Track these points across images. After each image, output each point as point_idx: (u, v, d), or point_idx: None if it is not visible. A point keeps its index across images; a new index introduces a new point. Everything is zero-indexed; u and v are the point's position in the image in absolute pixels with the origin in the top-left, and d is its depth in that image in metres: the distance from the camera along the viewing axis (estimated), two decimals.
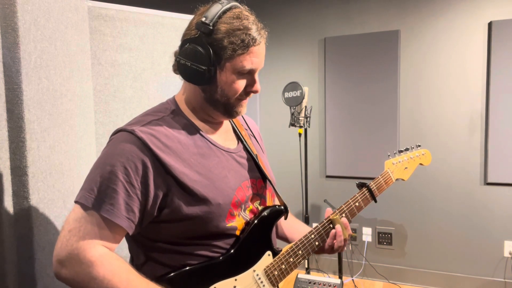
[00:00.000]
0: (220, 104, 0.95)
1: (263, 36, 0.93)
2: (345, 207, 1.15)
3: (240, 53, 0.89)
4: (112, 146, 0.89)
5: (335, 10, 3.07)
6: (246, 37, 0.88)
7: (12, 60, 1.06)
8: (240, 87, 0.93)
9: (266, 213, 1.02)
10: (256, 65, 0.93)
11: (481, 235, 2.81)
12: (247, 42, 0.89)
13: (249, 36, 0.89)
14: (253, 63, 0.92)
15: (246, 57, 0.90)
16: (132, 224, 0.86)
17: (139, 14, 1.56)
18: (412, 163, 1.32)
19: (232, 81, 0.92)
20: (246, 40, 0.88)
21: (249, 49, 0.90)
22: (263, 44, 0.94)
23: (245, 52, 0.89)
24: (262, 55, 0.95)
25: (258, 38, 0.91)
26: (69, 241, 0.82)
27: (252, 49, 0.90)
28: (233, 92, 0.93)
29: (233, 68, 0.91)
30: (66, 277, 0.83)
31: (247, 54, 0.90)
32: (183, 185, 0.88)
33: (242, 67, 0.91)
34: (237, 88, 0.93)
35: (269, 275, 1.01)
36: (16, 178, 1.09)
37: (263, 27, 0.94)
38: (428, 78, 2.87)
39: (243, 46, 0.89)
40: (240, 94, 0.95)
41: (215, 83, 0.92)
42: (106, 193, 0.83)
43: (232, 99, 0.95)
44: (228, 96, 0.94)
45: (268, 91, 3.29)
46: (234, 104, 0.96)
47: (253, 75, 0.95)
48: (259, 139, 1.20)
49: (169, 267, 0.92)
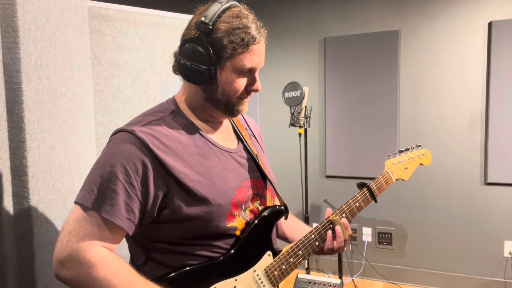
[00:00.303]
0: (221, 103, 0.95)
1: (263, 35, 0.93)
2: (346, 207, 1.14)
3: (240, 52, 0.89)
4: (112, 147, 0.88)
5: (335, 10, 3.07)
6: (246, 36, 0.88)
7: (12, 60, 1.05)
8: (241, 86, 0.93)
9: (266, 213, 1.02)
10: (257, 63, 0.93)
11: (481, 235, 2.81)
12: (247, 40, 0.89)
13: (249, 35, 0.89)
14: (253, 62, 0.92)
15: (246, 56, 0.90)
16: (132, 225, 0.86)
17: (139, 14, 1.56)
18: (412, 163, 1.31)
19: (232, 80, 0.92)
20: (246, 38, 0.88)
21: (249, 47, 0.90)
22: (263, 42, 0.94)
23: (245, 50, 0.89)
24: (262, 54, 0.95)
25: (258, 37, 0.91)
26: (69, 242, 0.82)
27: (252, 47, 0.90)
28: (234, 91, 0.93)
29: (234, 67, 0.91)
30: (66, 278, 0.83)
31: (247, 52, 0.90)
32: (183, 185, 0.88)
33: (242, 65, 0.91)
34: (238, 87, 0.93)
35: (269, 275, 1.01)
36: (16, 178, 1.08)
37: (262, 26, 0.94)
38: (428, 78, 2.87)
39: (243, 45, 0.89)
40: (241, 93, 0.95)
41: (216, 82, 0.92)
42: (106, 194, 0.83)
43: (233, 98, 0.95)
44: (229, 95, 0.94)
45: (268, 91, 3.29)
46: (235, 103, 0.96)
47: (253, 74, 0.95)
48: (259, 139, 1.20)
49: (169, 267, 0.92)
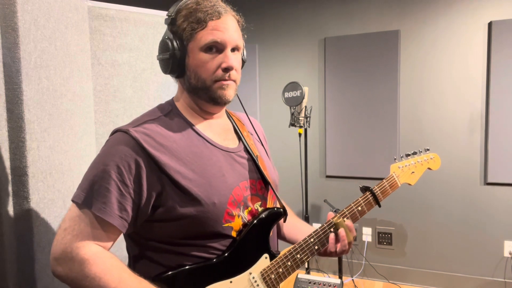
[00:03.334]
0: (200, 90, 0.95)
1: (226, 11, 0.94)
2: (347, 211, 1.11)
3: (198, 30, 0.91)
4: (107, 147, 0.90)
5: (335, 10, 3.07)
6: (202, 14, 0.90)
7: (12, 60, 1.06)
8: (211, 65, 0.92)
9: (264, 215, 1.00)
10: (220, 38, 0.91)
11: (481, 235, 2.81)
12: (203, 18, 0.90)
13: (205, 13, 0.91)
14: (214, 35, 0.91)
15: (205, 31, 0.91)
16: (125, 223, 0.86)
17: (139, 14, 1.56)
18: (419, 168, 1.25)
19: (200, 61, 0.92)
20: (202, 16, 0.90)
21: (207, 24, 0.91)
22: (227, 18, 0.93)
23: (204, 27, 0.91)
24: (227, 29, 0.93)
25: (216, 13, 0.91)
26: (64, 239, 0.84)
27: (211, 23, 0.91)
28: (206, 72, 0.93)
29: (197, 46, 0.92)
30: (61, 274, 0.84)
31: (206, 29, 0.91)
32: (177, 183, 0.88)
33: (203, 42, 0.91)
34: (207, 67, 0.92)
35: (266, 278, 0.99)
36: (16, 178, 1.09)
37: (225, 4, 0.95)
38: (428, 78, 2.87)
39: (199, 22, 0.90)
40: (213, 73, 0.93)
41: (188, 68, 0.94)
42: (99, 192, 0.84)
43: (208, 81, 0.93)
44: (202, 78, 0.93)
45: (268, 91, 3.29)
46: (213, 88, 0.94)
47: (223, 51, 0.93)
48: (264, 142, 1.19)
49: (164, 267, 0.92)
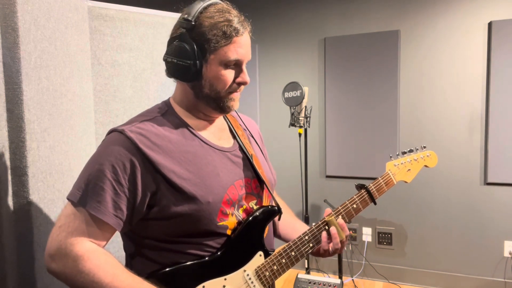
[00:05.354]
0: (211, 99, 0.96)
1: (246, 28, 0.94)
2: (342, 208, 1.12)
3: (223, 44, 0.90)
4: (103, 146, 0.91)
5: (335, 10, 3.06)
6: (228, 28, 0.90)
7: (12, 60, 1.06)
8: (228, 79, 0.94)
9: (258, 213, 1.01)
10: (241, 55, 0.93)
11: (481, 235, 2.81)
12: (230, 33, 0.90)
13: (231, 27, 0.90)
14: (237, 53, 0.92)
15: (230, 47, 0.91)
16: (120, 221, 0.87)
17: (139, 14, 1.56)
18: (416, 165, 1.26)
19: (219, 74, 0.93)
20: (228, 31, 0.90)
21: (233, 39, 0.91)
22: (246, 35, 0.94)
23: (228, 42, 0.90)
24: (247, 46, 0.95)
25: (241, 29, 0.92)
26: (59, 236, 0.85)
27: (236, 39, 0.91)
28: (222, 85, 0.94)
29: (219, 59, 0.92)
30: (55, 270, 0.85)
31: (231, 44, 0.91)
32: (172, 183, 0.89)
33: (227, 57, 0.91)
34: (225, 81, 0.94)
35: (260, 275, 1.00)
36: (16, 178, 1.09)
37: (245, 19, 0.95)
38: (428, 78, 2.87)
39: (226, 37, 0.90)
40: (229, 87, 0.95)
41: (203, 78, 0.93)
42: (94, 191, 0.85)
43: (222, 92, 0.95)
44: (217, 89, 0.94)
45: (268, 91, 3.29)
46: (225, 99, 0.96)
47: (240, 67, 0.95)
48: (258, 140, 1.19)
49: (159, 264, 0.93)
